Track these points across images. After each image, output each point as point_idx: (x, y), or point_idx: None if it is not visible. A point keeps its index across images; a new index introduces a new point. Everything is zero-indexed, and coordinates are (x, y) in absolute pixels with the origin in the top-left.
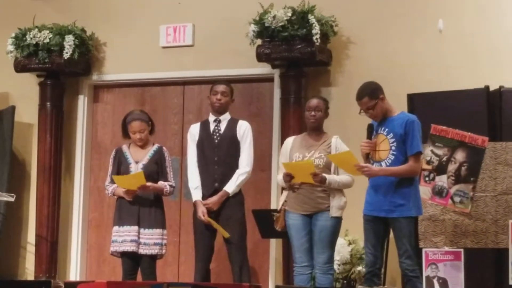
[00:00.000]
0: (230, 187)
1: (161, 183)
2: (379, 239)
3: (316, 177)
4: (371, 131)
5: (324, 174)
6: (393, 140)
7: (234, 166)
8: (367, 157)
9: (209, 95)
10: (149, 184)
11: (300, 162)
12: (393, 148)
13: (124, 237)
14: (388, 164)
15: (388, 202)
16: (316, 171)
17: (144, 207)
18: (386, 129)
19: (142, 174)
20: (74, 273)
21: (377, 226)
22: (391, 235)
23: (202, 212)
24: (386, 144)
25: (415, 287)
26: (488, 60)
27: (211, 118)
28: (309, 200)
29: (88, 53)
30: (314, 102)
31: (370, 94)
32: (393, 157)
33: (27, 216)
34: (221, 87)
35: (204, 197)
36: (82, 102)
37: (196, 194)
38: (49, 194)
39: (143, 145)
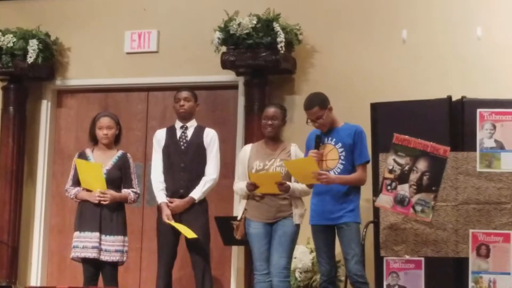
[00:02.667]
0: (196, 193)
1: (125, 191)
2: (331, 247)
3: (282, 186)
4: (319, 141)
5: (288, 183)
6: (342, 149)
7: (200, 173)
8: None
9: (174, 104)
10: (113, 193)
11: (268, 173)
12: (342, 157)
13: (85, 243)
14: (337, 173)
15: (340, 208)
16: (282, 181)
17: (106, 213)
18: (334, 139)
19: (100, 167)
20: (35, 279)
21: (327, 235)
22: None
23: (166, 215)
24: (334, 153)
25: None
26: (451, 70)
27: (178, 124)
28: (271, 209)
29: (52, 58)
30: (270, 111)
31: (320, 104)
32: (342, 166)
33: None
34: (183, 94)
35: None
36: (46, 107)
37: (161, 196)
38: (11, 199)
39: (108, 146)
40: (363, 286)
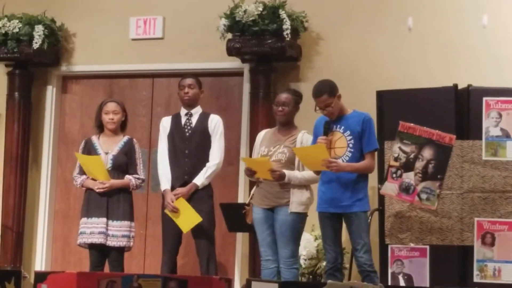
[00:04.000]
0: (199, 179)
1: (126, 177)
2: (337, 235)
3: (274, 174)
4: (328, 128)
5: (284, 171)
6: (350, 137)
7: (204, 159)
8: None
9: (178, 91)
10: (112, 181)
11: (257, 159)
12: (351, 145)
13: (92, 229)
14: (345, 160)
15: (348, 197)
16: (274, 168)
17: (112, 199)
18: (342, 127)
19: (99, 159)
20: (39, 264)
21: (334, 222)
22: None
23: (171, 199)
24: (343, 141)
25: (373, 282)
26: (457, 59)
27: (183, 111)
28: (269, 194)
29: (57, 43)
30: (282, 97)
31: (329, 91)
32: (350, 154)
33: None
34: (187, 81)
35: (174, 189)
36: (51, 93)
37: (165, 183)
38: (16, 184)
39: (114, 131)
40: (372, 274)
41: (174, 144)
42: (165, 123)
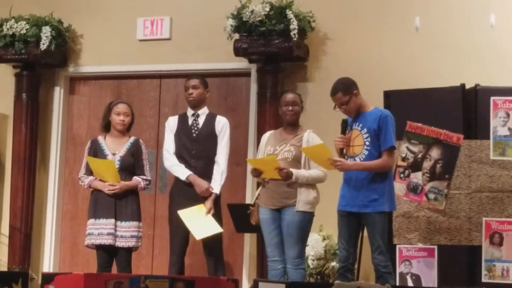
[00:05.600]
0: (218, 188)
1: (135, 179)
2: (352, 235)
3: (282, 172)
4: (345, 126)
5: (291, 169)
6: (367, 135)
7: (210, 160)
8: (341, 152)
9: (184, 93)
10: (122, 183)
11: (263, 158)
12: (367, 143)
13: (101, 230)
14: (362, 159)
15: (362, 197)
16: (281, 166)
17: (120, 199)
18: (360, 125)
19: (112, 164)
20: (47, 265)
21: (351, 222)
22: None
23: (204, 188)
24: (360, 139)
25: (387, 282)
26: (464, 58)
27: (189, 112)
28: (276, 195)
29: (64, 44)
30: (290, 96)
31: (344, 89)
32: (367, 152)
33: (0, 207)
34: (191, 82)
35: (182, 195)
36: (58, 94)
37: (183, 171)
38: (24, 186)
39: (121, 132)
40: (386, 275)
41: (181, 144)
42: (171, 123)
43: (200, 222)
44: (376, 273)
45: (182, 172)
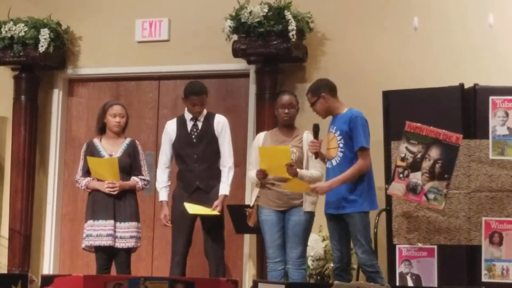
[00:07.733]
0: (226, 189)
1: (133, 179)
2: (342, 234)
3: (291, 168)
4: (316, 131)
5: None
6: (340, 137)
7: (213, 162)
8: (317, 157)
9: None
10: (121, 182)
11: (276, 146)
12: (341, 145)
13: (99, 231)
14: (337, 161)
15: (340, 198)
16: (291, 162)
17: (119, 200)
18: (334, 127)
19: (115, 161)
20: (47, 267)
21: (337, 223)
22: None
23: (164, 216)
24: (334, 141)
25: (375, 282)
26: (463, 58)
27: (187, 115)
28: (282, 196)
29: (63, 46)
30: (286, 99)
31: (313, 91)
32: (342, 154)
33: (0, 210)
34: (198, 99)
35: (186, 196)
36: (57, 96)
37: (163, 194)
38: (23, 188)
39: (117, 134)
40: (374, 275)
41: (182, 149)
42: (170, 129)
43: (201, 208)
44: (364, 273)
45: (161, 196)
